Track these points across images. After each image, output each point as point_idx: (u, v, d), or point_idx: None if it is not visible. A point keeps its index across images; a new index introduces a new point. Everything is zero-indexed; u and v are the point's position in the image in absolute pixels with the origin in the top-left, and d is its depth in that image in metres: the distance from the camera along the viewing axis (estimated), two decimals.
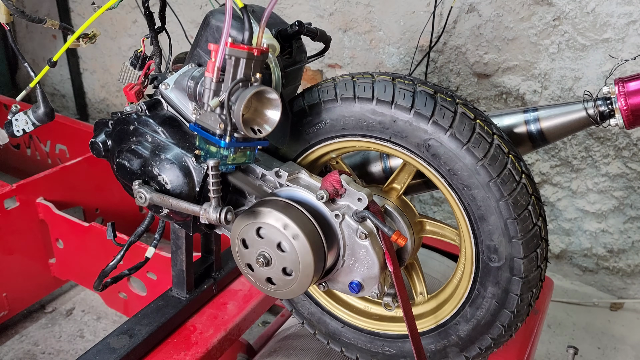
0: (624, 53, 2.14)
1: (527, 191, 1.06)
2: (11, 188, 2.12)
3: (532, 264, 1.09)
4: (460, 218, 1.13)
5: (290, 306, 1.43)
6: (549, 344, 2.36)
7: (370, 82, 1.11)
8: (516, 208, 1.05)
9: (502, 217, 1.06)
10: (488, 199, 1.06)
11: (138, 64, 1.32)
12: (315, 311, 1.39)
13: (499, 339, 1.18)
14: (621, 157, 2.34)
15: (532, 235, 1.07)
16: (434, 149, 1.08)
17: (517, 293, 1.11)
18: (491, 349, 1.20)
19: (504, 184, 1.04)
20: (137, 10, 3.33)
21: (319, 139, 1.20)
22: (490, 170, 1.04)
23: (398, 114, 1.08)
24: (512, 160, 1.06)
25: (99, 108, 3.90)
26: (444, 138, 1.06)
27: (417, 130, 1.07)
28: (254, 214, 1.12)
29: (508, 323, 1.15)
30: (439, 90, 1.09)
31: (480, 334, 1.18)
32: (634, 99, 1.08)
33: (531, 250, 1.08)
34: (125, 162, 1.22)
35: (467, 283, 1.18)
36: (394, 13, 2.54)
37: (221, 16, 1.12)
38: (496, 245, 1.09)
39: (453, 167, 1.07)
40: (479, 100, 2.53)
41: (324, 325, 1.39)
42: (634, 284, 2.56)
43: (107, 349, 1.36)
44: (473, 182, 1.06)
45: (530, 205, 1.06)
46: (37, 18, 1.25)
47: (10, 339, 2.27)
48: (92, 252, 2.12)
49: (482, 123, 1.07)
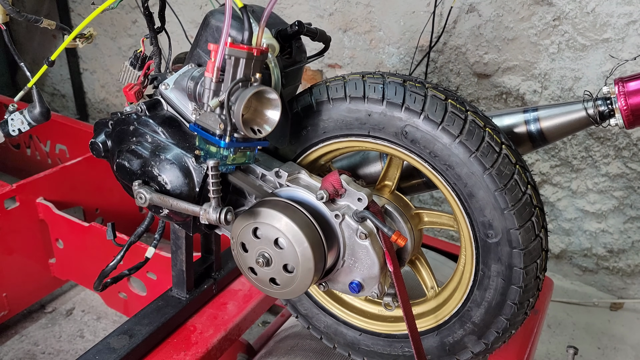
0: (624, 53, 2.14)
1: (510, 161, 1.07)
2: (11, 188, 2.12)
3: (530, 233, 1.09)
4: (451, 200, 1.13)
5: (306, 322, 1.43)
6: (549, 344, 2.36)
7: (341, 83, 1.16)
8: (501, 178, 1.06)
9: (489, 190, 1.06)
10: (472, 175, 1.07)
11: (138, 64, 1.32)
12: (331, 323, 1.39)
13: (513, 319, 1.16)
14: (621, 157, 2.34)
15: (523, 204, 1.07)
16: (411, 135, 1.10)
17: (521, 266, 1.10)
18: (508, 331, 1.18)
19: (485, 157, 1.06)
20: (137, 10, 3.33)
21: (304, 147, 1.24)
22: (469, 145, 1.06)
23: (372, 107, 1.12)
24: (489, 133, 1.07)
25: (99, 108, 3.90)
26: (419, 122, 1.08)
27: (392, 119, 1.10)
28: (254, 214, 1.12)
29: (519, 300, 1.13)
30: (407, 79, 1.13)
31: (494, 317, 1.17)
32: (634, 98, 1.09)
33: (526, 220, 1.08)
34: (125, 163, 1.22)
35: (471, 266, 1.17)
36: (394, 13, 2.54)
37: (221, 16, 1.12)
38: (490, 221, 1.09)
39: (433, 149, 1.09)
40: (479, 100, 2.53)
41: (341, 336, 1.38)
42: (634, 284, 2.56)
43: (107, 349, 1.36)
44: (454, 160, 1.08)
45: (516, 174, 1.07)
46: (33, 18, 1.24)
47: (10, 339, 2.27)
48: (92, 252, 2.12)
49: (454, 102, 1.09)
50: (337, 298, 1.39)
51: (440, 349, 1.26)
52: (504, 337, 1.20)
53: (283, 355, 1.54)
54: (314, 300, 1.39)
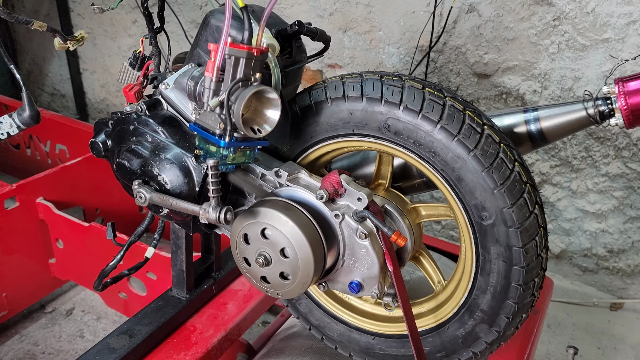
0: (624, 53, 2.14)
1: (494, 140, 1.08)
2: (11, 188, 2.12)
3: (523, 210, 1.08)
4: (442, 187, 1.14)
5: (319, 334, 1.42)
6: (549, 344, 2.36)
7: (322, 87, 1.18)
8: (487, 158, 1.06)
9: (476, 171, 1.07)
10: (458, 158, 1.08)
11: (137, 65, 1.32)
12: (344, 330, 1.38)
13: (521, 302, 1.15)
14: (621, 157, 2.34)
15: (512, 181, 1.07)
16: (394, 127, 1.11)
17: (519, 245, 1.10)
18: (518, 315, 1.17)
19: (467, 139, 1.07)
20: (137, 10, 3.33)
21: (294, 155, 1.26)
22: (450, 129, 1.07)
23: (353, 105, 1.14)
24: (469, 115, 1.08)
25: (99, 108, 3.90)
26: (399, 113, 1.10)
27: (374, 114, 1.12)
28: (254, 213, 1.12)
29: (523, 280, 1.13)
30: (384, 74, 1.15)
31: (502, 301, 1.16)
32: (634, 98, 1.09)
33: (517, 197, 1.08)
34: (125, 162, 1.22)
35: (471, 253, 1.16)
36: (394, 13, 2.54)
37: (221, 16, 1.12)
38: (482, 202, 1.09)
39: (416, 138, 1.10)
40: (479, 100, 2.53)
41: (355, 343, 1.38)
42: (634, 284, 2.56)
43: (107, 349, 1.36)
44: (438, 146, 1.09)
45: (501, 152, 1.07)
46: (24, 19, 1.22)
47: (10, 339, 2.27)
48: (92, 252, 2.12)
49: (432, 90, 1.11)
50: (347, 304, 1.38)
51: (453, 342, 1.25)
52: (515, 322, 1.19)
53: (283, 355, 1.54)
54: (325, 310, 1.39)
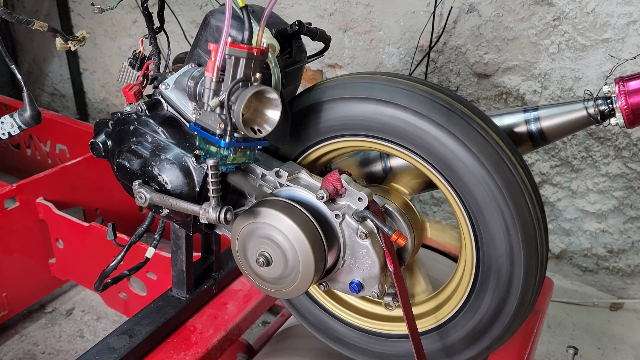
0: (624, 53, 2.14)
1: (498, 144, 1.07)
2: (11, 188, 2.12)
3: (524, 211, 1.06)
4: (442, 187, 1.12)
5: (335, 345, 1.42)
6: (549, 344, 2.36)
7: (324, 87, 1.19)
8: (489, 161, 1.05)
9: (479, 173, 1.06)
10: (460, 160, 1.07)
11: (137, 65, 1.32)
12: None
13: (521, 302, 1.13)
14: (621, 157, 2.34)
15: (514, 184, 1.06)
16: (395, 128, 1.11)
17: (520, 245, 1.07)
18: (519, 314, 1.15)
19: (471, 142, 1.06)
20: (137, 10, 3.33)
21: (294, 155, 1.26)
22: (455, 132, 1.07)
23: (356, 106, 1.15)
24: (475, 119, 1.08)
25: (99, 108, 3.90)
26: (402, 114, 1.10)
27: (377, 115, 1.12)
28: (254, 213, 1.12)
29: (523, 281, 1.10)
30: (391, 75, 1.16)
31: (502, 301, 1.14)
32: (634, 98, 1.09)
33: (518, 198, 1.06)
34: (125, 162, 1.22)
35: (465, 222, 1.13)
36: (394, 13, 2.54)
37: (221, 16, 1.12)
38: (482, 204, 1.08)
39: (418, 139, 1.10)
40: (479, 100, 2.53)
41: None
42: (634, 284, 2.56)
43: (107, 349, 1.36)
44: (438, 147, 1.09)
45: (505, 156, 1.07)
46: (25, 19, 1.21)
47: (10, 339, 2.27)
48: (92, 252, 2.12)
49: (438, 92, 1.11)
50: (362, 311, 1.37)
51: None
52: (515, 322, 1.16)
53: (283, 355, 1.54)
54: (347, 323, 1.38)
